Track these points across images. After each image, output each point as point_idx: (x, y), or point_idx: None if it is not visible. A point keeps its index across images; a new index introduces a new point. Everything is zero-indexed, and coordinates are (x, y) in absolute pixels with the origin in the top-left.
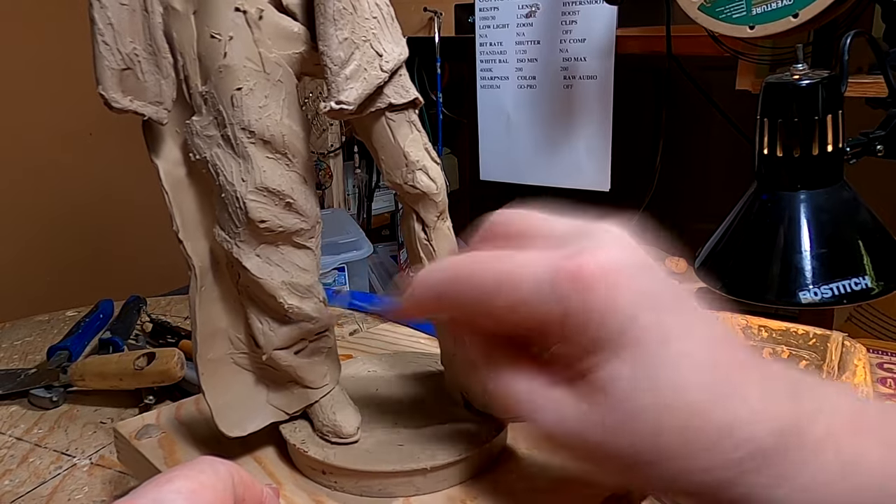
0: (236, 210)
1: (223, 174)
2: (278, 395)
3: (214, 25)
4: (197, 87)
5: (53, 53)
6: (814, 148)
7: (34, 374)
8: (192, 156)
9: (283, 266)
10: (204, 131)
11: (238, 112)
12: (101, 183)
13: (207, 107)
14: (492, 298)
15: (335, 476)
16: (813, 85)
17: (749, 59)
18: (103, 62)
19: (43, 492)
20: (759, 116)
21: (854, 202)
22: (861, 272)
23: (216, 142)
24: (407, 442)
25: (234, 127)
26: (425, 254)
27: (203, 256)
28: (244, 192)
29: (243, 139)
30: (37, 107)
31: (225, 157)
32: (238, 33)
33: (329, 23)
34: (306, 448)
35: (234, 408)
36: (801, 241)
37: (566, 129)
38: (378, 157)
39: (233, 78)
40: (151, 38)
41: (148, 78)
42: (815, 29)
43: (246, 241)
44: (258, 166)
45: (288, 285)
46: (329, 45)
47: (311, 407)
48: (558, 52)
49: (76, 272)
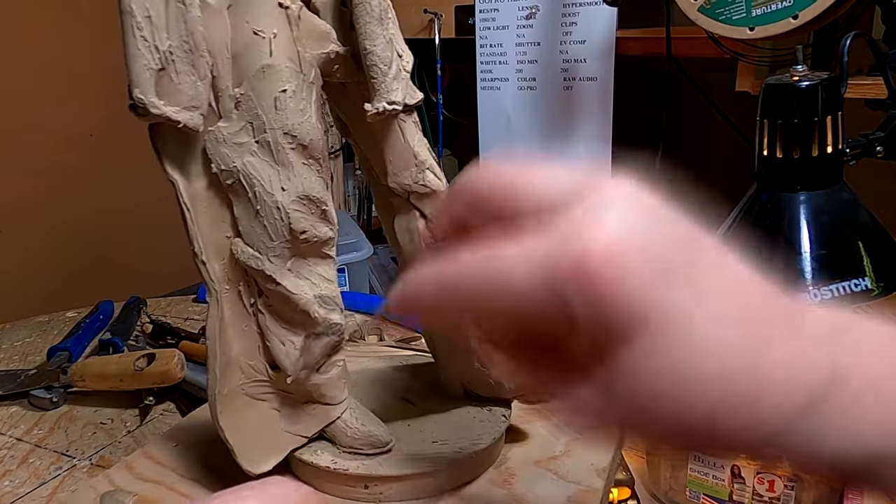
0: (275, 222)
1: (260, 184)
2: (293, 420)
3: (257, 21)
4: (228, 89)
5: (54, 54)
6: (813, 149)
7: (34, 374)
8: (215, 166)
9: (312, 279)
10: (233, 138)
11: (281, 116)
12: (101, 184)
13: (239, 111)
14: (485, 306)
15: (381, 486)
16: (812, 86)
17: (749, 61)
18: (140, 61)
19: (43, 492)
20: (759, 118)
21: (854, 203)
22: (861, 273)
23: (249, 149)
24: (438, 439)
25: (276, 132)
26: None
27: (219, 279)
28: (287, 202)
29: (285, 145)
30: (37, 108)
31: (261, 166)
32: (281, 31)
33: (376, 22)
34: (344, 467)
35: (255, 443)
36: (801, 242)
37: (566, 130)
38: (384, 159)
39: (276, 79)
40: (188, 33)
41: (183, 79)
42: (815, 30)
43: (279, 256)
44: (298, 173)
45: (319, 298)
46: (377, 45)
47: (331, 424)
48: (558, 54)
49: (76, 273)
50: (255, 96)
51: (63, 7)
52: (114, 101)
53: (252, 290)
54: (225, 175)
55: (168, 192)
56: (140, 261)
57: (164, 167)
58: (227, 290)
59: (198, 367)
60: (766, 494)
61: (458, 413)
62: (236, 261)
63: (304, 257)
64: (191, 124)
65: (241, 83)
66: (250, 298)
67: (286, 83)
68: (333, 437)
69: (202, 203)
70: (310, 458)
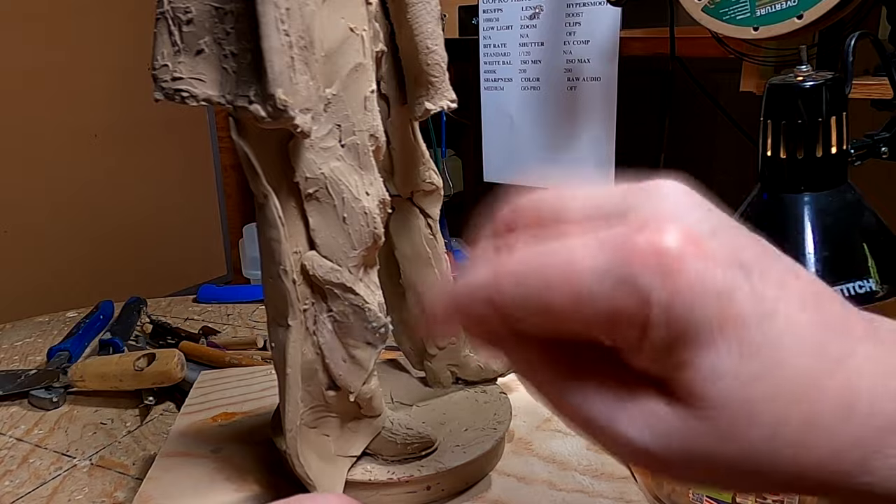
0: (361, 228)
1: (348, 190)
2: (340, 443)
3: (352, 18)
4: (319, 90)
5: (59, 55)
6: (817, 150)
7: (34, 374)
8: (300, 175)
9: (371, 287)
10: (320, 143)
11: (369, 117)
12: (101, 185)
13: (328, 113)
14: (546, 301)
15: (443, 482)
16: (817, 86)
17: (753, 61)
18: (283, 58)
19: (43, 492)
20: (763, 118)
21: (858, 204)
22: (865, 275)
23: (335, 154)
24: (463, 425)
25: (364, 134)
26: (430, 247)
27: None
28: (372, 207)
29: (369, 147)
30: (40, 108)
31: (347, 171)
32: (368, 28)
33: (436, 22)
34: (406, 474)
35: (323, 471)
36: (805, 243)
37: (570, 130)
38: (396, 158)
39: (367, 78)
40: (306, 28)
41: (299, 79)
42: (820, 30)
43: (356, 265)
44: (377, 177)
45: (380, 306)
46: (439, 45)
47: (376, 438)
48: (562, 54)
49: (76, 273)
50: (347, 97)
51: (68, 7)
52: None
53: (317, 307)
54: (309, 183)
55: (170, 195)
56: (140, 261)
57: (256, 180)
58: (301, 311)
59: (198, 367)
60: (769, 497)
61: (460, 400)
62: (303, 279)
63: (367, 266)
64: (305, 128)
65: (333, 83)
66: (313, 318)
67: (372, 83)
68: (379, 449)
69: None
70: (364, 475)
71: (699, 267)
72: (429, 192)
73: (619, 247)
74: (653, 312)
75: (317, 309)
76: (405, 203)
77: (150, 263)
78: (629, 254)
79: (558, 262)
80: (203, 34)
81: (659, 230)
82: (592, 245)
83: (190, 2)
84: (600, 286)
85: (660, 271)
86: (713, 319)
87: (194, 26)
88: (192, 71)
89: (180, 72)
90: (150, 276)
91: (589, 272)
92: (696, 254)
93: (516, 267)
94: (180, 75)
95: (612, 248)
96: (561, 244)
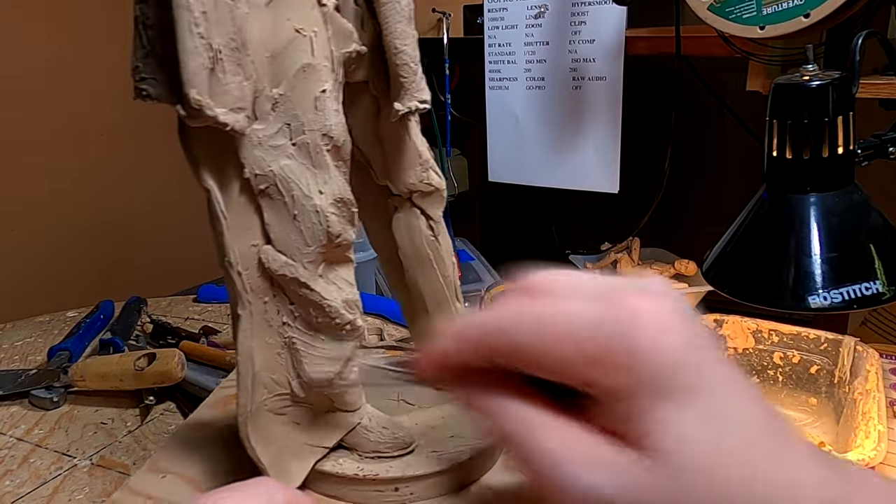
0: (313, 226)
1: (298, 188)
2: (312, 432)
3: (298, 19)
4: (265, 90)
5: (64, 53)
6: (824, 150)
7: (35, 374)
8: (249, 171)
9: (338, 283)
10: (269, 141)
11: (320, 116)
12: (102, 185)
13: (276, 113)
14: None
15: (411, 486)
16: (823, 86)
17: (760, 60)
18: (198, 60)
19: (43, 492)
20: (768, 118)
21: (865, 205)
22: (872, 276)
23: (285, 152)
24: (450, 431)
25: (315, 133)
26: (431, 249)
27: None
28: (325, 206)
29: (322, 146)
30: (43, 107)
31: (298, 169)
32: (320, 29)
33: (406, 21)
34: (372, 472)
35: (282, 458)
36: (811, 244)
37: (575, 130)
38: (388, 158)
39: (317, 78)
40: (236, 31)
41: (230, 79)
42: (827, 29)
43: (313, 262)
44: (334, 176)
45: (345, 303)
46: (408, 44)
47: (352, 432)
48: (567, 54)
49: (76, 273)
50: (295, 97)
51: (73, 5)
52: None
53: (278, 300)
54: (259, 180)
55: (170, 194)
56: (140, 261)
57: (199, 174)
58: (250, 302)
59: (198, 367)
60: None
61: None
62: (262, 271)
63: (331, 262)
64: (237, 127)
65: (280, 83)
66: (276, 309)
67: (325, 83)
68: (355, 444)
69: (231, 211)
70: (333, 468)
71: (662, 331)
72: (428, 194)
73: (605, 304)
74: (636, 360)
75: (279, 301)
76: (406, 203)
77: (150, 263)
78: (610, 310)
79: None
80: (159, 37)
81: (635, 299)
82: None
83: (149, 9)
84: (593, 333)
85: (629, 327)
86: (671, 377)
87: (153, 30)
88: (153, 71)
89: (145, 72)
90: (151, 276)
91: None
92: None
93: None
94: (144, 75)
95: (599, 306)
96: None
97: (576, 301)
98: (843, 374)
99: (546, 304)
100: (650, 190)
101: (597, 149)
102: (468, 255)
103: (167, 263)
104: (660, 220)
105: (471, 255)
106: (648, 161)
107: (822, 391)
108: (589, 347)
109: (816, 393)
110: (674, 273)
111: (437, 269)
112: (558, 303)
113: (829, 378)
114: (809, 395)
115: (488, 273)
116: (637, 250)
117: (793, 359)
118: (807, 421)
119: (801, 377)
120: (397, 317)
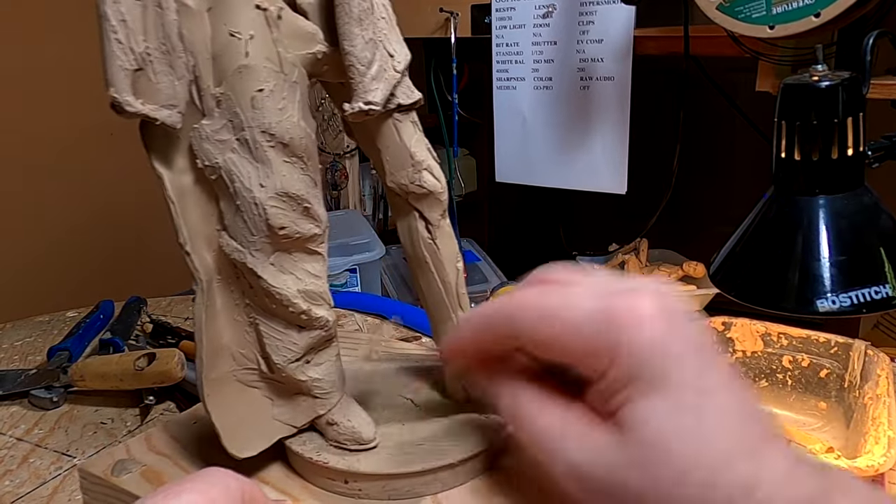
0: (254, 217)
1: (239, 180)
2: (284, 410)
3: (233, 23)
4: (209, 88)
5: (70, 52)
6: (833, 151)
7: (35, 374)
8: (200, 162)
9: (297, 273)
10: (215, 136)
11: (258, 114)
12: (102, 185)
13: (221, 109)
14: (540, 325)
15: (360, 483)
16: (833, 86)
17: (770, 60)
18: (115, 62)
19: (43, 492)
20: (777, 119)
21: (875, 208)
22: (882, 280)
23: (230, 146)
24: (426, 440)
25: (254, 130)
26: (429, 252)
27: (208, 269)
28: (264, 199)
29: (263, 143)
30: (43, 107)
31: (241, 163)
32: (258, 32)
33: (354, 23)
34: (325, 459)
35: (242, 427)
36: (820, 247)
37: (583, 130)
38: (381, 159)
39: (253, 78)
40: (165, 36)
41: (161, 79)
42: (839, 29)
43: (261, 250)
44: (277, 171)
45: (302, 293)
46: (355, 46)
47: (320, 418)
48: (575, 53)
49: (77, 273)
50: (234, 95)
51: (73, 5)
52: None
53: (241, 281)
54: (209, 171)
55: None
56: (140, 261)
57: (150, 161)
58: (219, 279)
59: None
60: None
61: (456, 417)
62: (224, 254)
63: (289, 253)
64: (168, 122)
65: (221, 83)
66: (240, 291)
67: (263, 83)
68: (322, 430)
69: (191, 197)
70: (297, 448)
71: (659, 331)
72: (422, 196)
73: (607, 298)
74: (615, 354)
75: (242, 283)
76: (405, 204)
77: (150, 263)
78: (612, 304)
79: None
80: None
81: (636, 297)
82: (586, 294)
83: None
84: (589, 324)
85: (628, 324)
86: (660, 376)
87: None
88: None
89: None
90: (151, 276)
91: (580, 309)
92: (659, 321)
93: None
94: None
95: (601, 298)
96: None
97: (579, 296)
98: (853, 378)
99: (550, 293)
100: (658, 191)
101: (605, 149)
102: (474, 256)
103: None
104: (668, 221)
105: (477, 255)
106: (657, 162)
107: (831, 395)
108: (584, 337)
109: (826, 397)
110: (682, 275)
111: (436, 274)
112: (563, 291)
113: (839, 382)
114: (819, 399)
115: (494, 274)
116: (645, 251)
117: (802, 362)
118: (816, 425)
119: (810, 381)
120: (401, 318)
